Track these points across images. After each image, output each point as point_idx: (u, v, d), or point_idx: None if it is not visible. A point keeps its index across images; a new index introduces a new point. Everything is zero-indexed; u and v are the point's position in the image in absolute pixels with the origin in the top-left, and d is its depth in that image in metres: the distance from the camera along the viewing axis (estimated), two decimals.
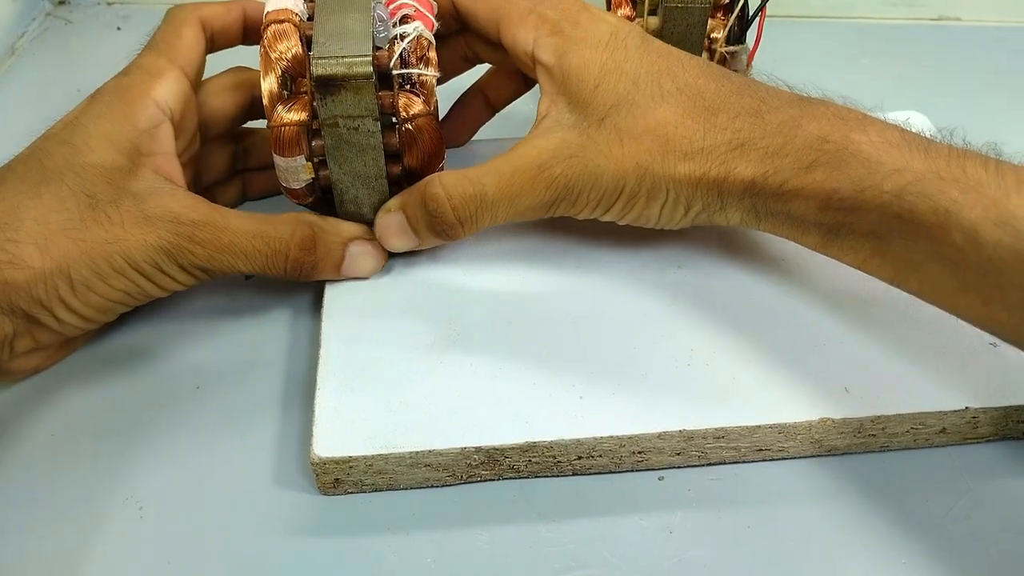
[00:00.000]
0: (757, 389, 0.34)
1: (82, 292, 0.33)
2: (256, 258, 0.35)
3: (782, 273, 0.39)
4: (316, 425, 0.33)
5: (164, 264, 0.34)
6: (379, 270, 0.39)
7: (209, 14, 0.39)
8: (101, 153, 0.34)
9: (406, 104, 0.36)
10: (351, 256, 0.38)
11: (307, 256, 0.36)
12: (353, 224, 0.38)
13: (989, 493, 0.34)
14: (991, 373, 0.35)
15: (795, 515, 0.33)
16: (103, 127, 0.35)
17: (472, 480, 0.34)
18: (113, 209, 0.34)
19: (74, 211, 0.33)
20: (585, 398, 0.34)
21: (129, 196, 0.34)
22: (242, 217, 0.36)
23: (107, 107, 0.36)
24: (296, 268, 0.36)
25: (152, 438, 0.35)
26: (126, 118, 0.35)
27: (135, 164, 0.35)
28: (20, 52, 0.57)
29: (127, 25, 0.59)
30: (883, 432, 0.34)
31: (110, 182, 0.34)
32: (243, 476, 0.34)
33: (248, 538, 0.33)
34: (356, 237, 0.38)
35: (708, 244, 0.40)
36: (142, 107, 0.35)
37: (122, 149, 0.35)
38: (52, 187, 0.33)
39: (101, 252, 0.33)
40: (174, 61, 0.37)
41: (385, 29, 0.36)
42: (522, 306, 0.38)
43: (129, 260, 0.33)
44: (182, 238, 0.34)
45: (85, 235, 0.33)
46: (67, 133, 0.35)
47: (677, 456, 0.34)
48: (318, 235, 0.37)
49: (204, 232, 0.34)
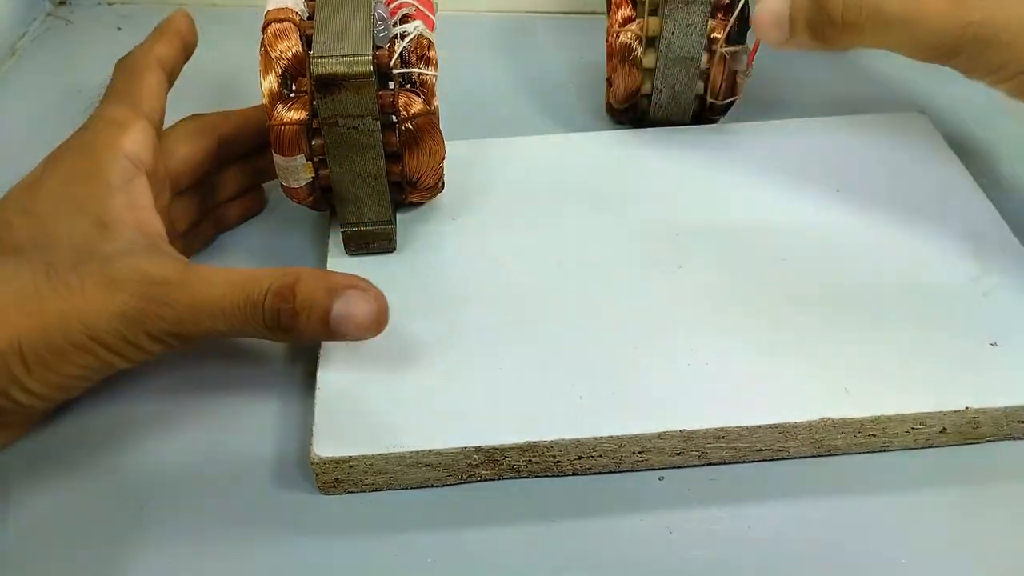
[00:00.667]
0: (757, 389, 0.34)
1: (39, 371, 0.30)
2: (233, 314, 0.31)
3: (782, 273, 0.39)
4: (316, 425, 0.33)
5: (129, 333, 0.30)
6: (378, 329, 0.32)
7: (163, 54, 0.37)
8: (67, 221, 0.32)
9: (406, 103, 0.36)
10: (342, 304, 0.31)
11: (284, 303, 0.31)
12: (347, 275, 0.33)
13: (989, 493, 0.34)
14: (991, 373, 0.35)
15: (795, 515, 0.33)
16: (70, 191, 0.32)
17: (472, 480, 0.34)
18: (73, 275, 0.30)
19: (28, 282, 0.30)
20: (585, 398, 0.34)
21: (95, 259, 0.31)
22: (220, 271, 0.32)
23: (73, 167, 0.33)
24: (273, 318, 0.31)
25: (152, 438, 0.35)
26: (96, 177, 0.33)
27: (107, 226, 0.32)
28: (20, 52, 0.57)
29: (128, 25, 0.59)
30: (883, 432, 0.34)
31: (75, 250, 0.31)
32: (243, 475, 0.34)
33: (248, 538, 0.33)
34: (349, 286, 0.32)
35: (708, 244, 0.40)
36: (112, 162, 0.33)
37: (90, 212, 0.32)
38: (11, 259, 0.31)
39: (57, 325, 0.29)
40: (138, 109, 0.35)
41: (385, 28, 0.36)
42: (522, 306, 0.38)
43: (89, 332, 0.30)
44: (149, 301, 0.30)
45: (41, 307, 0.29)
46: (30, 200, 0.32)
47: (677, 456, 0.34)
48: (301, 281, 0.31)
49: (175, 292, 0.30)
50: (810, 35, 0.36)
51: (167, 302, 0.30)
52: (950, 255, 0.39)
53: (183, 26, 0.39)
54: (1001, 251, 0.39)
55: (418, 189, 0.40)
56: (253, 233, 0.44)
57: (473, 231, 0.41)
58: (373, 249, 0.40)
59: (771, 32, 0.37)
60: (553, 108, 0.51)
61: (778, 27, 0.36)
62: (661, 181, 0.43)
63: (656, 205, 0.42)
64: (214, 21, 0.51)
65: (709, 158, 0.44)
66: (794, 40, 0.37)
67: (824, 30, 0.35)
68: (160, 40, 0.38)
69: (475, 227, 0.41)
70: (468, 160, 0.44)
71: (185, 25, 0.39)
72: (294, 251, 0.43)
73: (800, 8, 0.36)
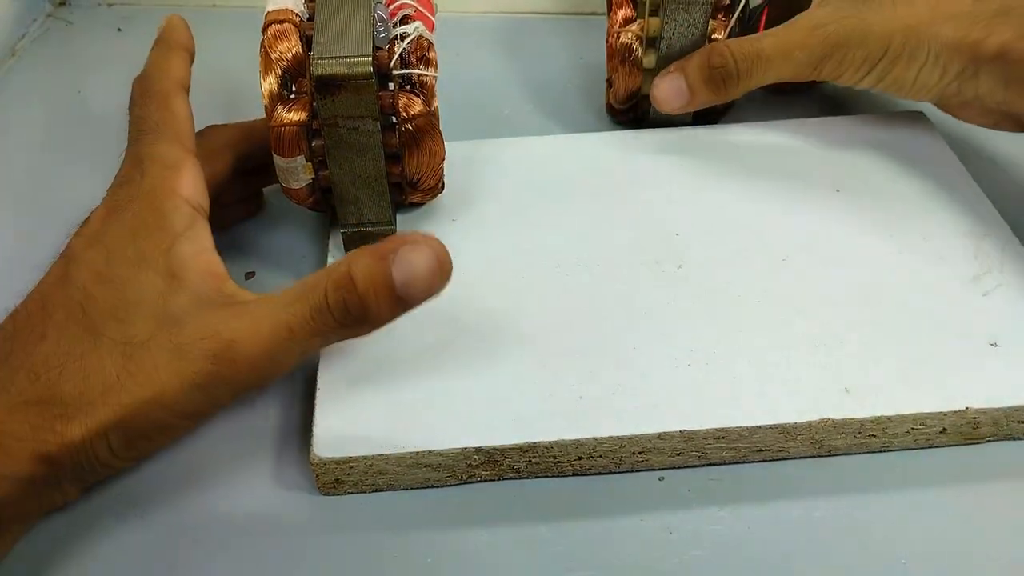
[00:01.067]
0: (757, 389, 0.34)
1: (123, 452, 0.31)
2: (303, 330, 0.30)
3: (782, 273, 0.39)
4: (316, 425, 0.33)
5: (209, 399, 0.31)
6: (444, 276, 0.31)
7: (180, 76, 0.37)
8: (141, 281, 0.32)
9: (406, 104, 0.36)
10: (400, 265, 0.30)
11: (348, 294, 0.30)
12: (391, 237, 0.32)
13: (989, 493, 0.34)
14: (991, 373, 0.35)
15: (795, 515, 0.33)
16: (139, 246, 0.32)
17: (472, 480, 0.34)
18: (146, 352, 0.30)
19: (111, 369, 0.30)
20: (585, 398, 0.34)
21: (166, 325, 0.31)
22: (275, 295, 0.31)
23: (136, 219, 0.33)
24: (343, 312, 0.30)
25: None
26: (161, 228, 0.33)
27: (175, 276, 0.32)
28: (21, 53, 0.57)
29: (127, 26, 0.59)
30: (883, 432, 0.34)
31: (151, 316, 0.31)
32: (243, 476, 0.34)
33: (248, 538, 0.33)
34: (397, 245, 0.31)
35: (708, 244, 0.40)
36: (174, 209, 0.33)
37: (160, 266, 0.32)
38: (94, 342, 0.31)
39: (140, 414, 0.30)
40: (184, 145, 0.35)
41: (385, 29, 0.36)
42: (522, 306, 0.38)
43: (170, 412, 0.30)
44: (221, 362, 0.30)
45: (122, 398, 0.30)
46: (104, 263, 0.32)
47: (677, 456, 0.34)
48: (353, 264, 0.31)
49: (245, 346, 0.30)
50: (711, 92, 0.43)
51: (237, 355, 0.30)
52: (950, 255, 0.39)
53: (184, 37, 0.39)
54: (1001, 251, 0.39)
55: (418, 190, 0.40)
56: (253, 233, 0.44)
57: (473, 231, 0.41)
58: None
59: (675, 102, 0.43)
60: (553, 108, 0.51)
61: (679, 96, 0.43)
62: (661, 181, 0.43)
63: (656, 205, 0.42)
64: (214, 22, 0.51)
65: (709, 158, 0.44)
66: (696, 101, 0.43)
67: (724, 83, 0.42)
68: (172, 58, 0.38)
69: (475, 227, 0.41)
70: (468, 160, 0.44)
71: (186, 35, 0.39)
72: (294, 251, 0.43)
73: (695, 73, 0.42)
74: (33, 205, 0.46)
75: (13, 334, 0.31)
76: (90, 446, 0.30)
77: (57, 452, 0.29)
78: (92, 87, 0.54)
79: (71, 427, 0.29)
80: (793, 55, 0.40)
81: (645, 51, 0.44)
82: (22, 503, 0.29)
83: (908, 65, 0.40)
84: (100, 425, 0.30)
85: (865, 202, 0.42)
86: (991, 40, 0.38)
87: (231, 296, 0.32)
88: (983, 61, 0.38)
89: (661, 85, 0.43)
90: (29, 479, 0.29)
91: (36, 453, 0.29)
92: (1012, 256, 0.39)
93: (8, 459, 0.29)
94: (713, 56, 0.42)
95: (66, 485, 0.31)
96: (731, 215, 0.41)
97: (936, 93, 0.41)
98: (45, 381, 0.30)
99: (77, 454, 0.30)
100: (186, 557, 0.32)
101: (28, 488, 0.29)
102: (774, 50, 0.41)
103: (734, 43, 0.42)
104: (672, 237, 0.40)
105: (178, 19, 0.40)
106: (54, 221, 0.44)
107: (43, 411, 0.29)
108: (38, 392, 0.30)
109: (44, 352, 0.30)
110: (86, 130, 0.50)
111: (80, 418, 0.30)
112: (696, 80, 0.42)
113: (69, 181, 0.47)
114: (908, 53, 0.39)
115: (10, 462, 0.29)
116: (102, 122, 0.51)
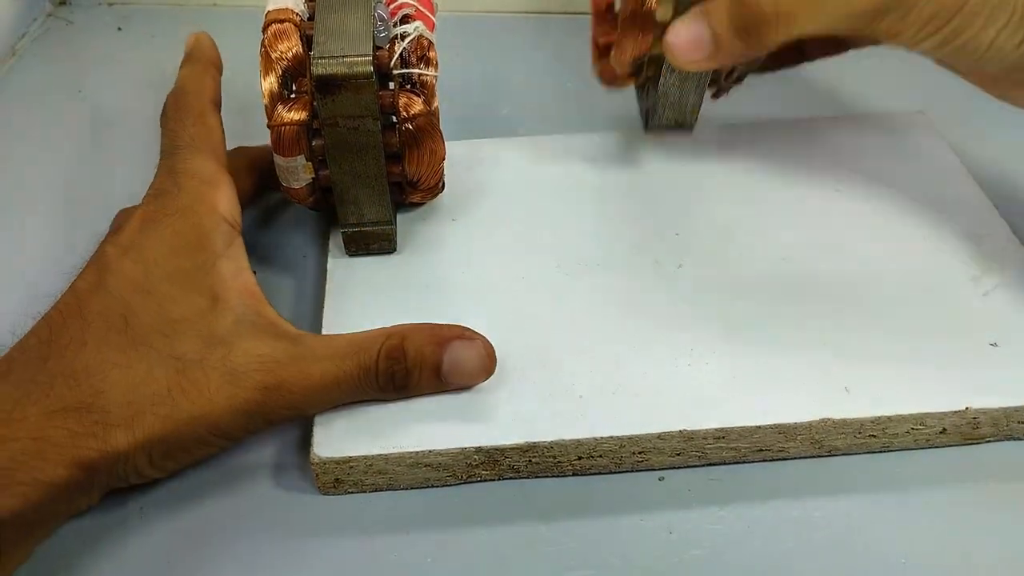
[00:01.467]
0: (757, 389, 0.34)
1: (160, 462, 0.31)
2: (348, 383, 0.32)
3: (782, 272, 0.39)
4: (316, 425, 0.33)
5: (251, 425, 0.32)
6: (487, 374, 0.34)
7: (213, 94, 0.38)
8: (184, 301, 0.32)
9: (406, 104, 0.36)
10: (451, 354, 0.33)
11: (397, 365, 0.32)
12: (452, 326, 0.34)
13: (989, 493, 0.34)
14: (991, 373, 0.35)
15: (795, 515, 0.33)
16: (180, 265, 0.33)
17: (472, 480, 0.34)
18: (200, 372, 0.31)
19: (162, 381, 0.30)
20: (585, 398, 0.34)
21: (216, 346, 0.32)
22: (328, 342, 0.33)
23: (176, 235, 0.33)
24: (388, 380, 0.33)
25: None
26: (202, 248, 0.33)
27: (218, 298, 0.33)
28: (21, 53, 0.57)
29: (128, 26, 0.59)
30: (883, 432, 0.34)
31: (198, 335, 0.32)
32: (243, 476, 0.34)
33: (248, 538, 0.33)
34: (454, 337, 0.33)
35: (708, 244, 0.40)
36: (214, 228, 0.34)
37: (203, 287, 0.33)
38: (140, 353, 0.31)
39: (187, 427, 0.31)
40: (220, 161, 0.35)
41: (386, 29, 0.36)
42: (522, 306, 0.38)
43: (215, 431, 0.31)
44: (269, 393, 0.31)
45: (172, 411, 0.30)
46: (143, 276, 0.32)
47: (677, 456, 0.34)
48: (408, 339, 0.33)
49: (292, 378, 0.32)
50: (742, 41, 0.34)
51: (285, 390, 0.32)
52: (950, 255, 0.39)
53: (214, 55, 0.40)
54: (1001, 251, 0.39)
55: (418, 189, 0.40)
56: (253, 233, 0.44)
57: (473, 231, 0.41)
58: (373, 250, 0.40)
59: (693, 54, 0.35)
60: (553, 108, 0.51)
61: (699, 48, 0.35)
62: (661, 181, 0.43)
63: (656, 205, 0.42)
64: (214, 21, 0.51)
65: (709, 158, 0.44)
66: (722, 53, 0.35)
67: (758, 30, 0.33)
68: (205, 76, 0.38)
69: (475, 227, 0.41)
70: (468, 160, 0.44)
71: (215, 53, 0.40)
72: (294, 251, 0.43)
73: (722, 17, 0.34)
74: (33, 205, 0.46)
75: (49, 339, 0.31)
76: (132, 455, 0.30)
77: (98, 459, 0.29)
78: (92, 86, 0.54)
79: (115, 435, 0.30)
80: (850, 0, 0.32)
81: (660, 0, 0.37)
82: (53, 508, 0.29)
83: (987, 23, 0.32)
84: (147, 436, 0.30)
85: (865, 202, 0.42)
86: None
87: (272, 322, 0.33)
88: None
89: (679, 30, 0.35)
90: (65, 485, 0.29)
91: (75, 459, 0.29)
92: (1012, 256, 0.39)
93: (45, 464, 0.28)
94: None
95: (95, 492, 0.31)
96: (731, 215, 0.41)
97: (1009, 64, 0.33)
98: (87, 388, 0.30)
99: (117, 463, 0.30)
100: (186, 557, 0.32)
101: (62, 494, 0.29)
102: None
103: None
104: (672, 237, 0.40)
105: (205, 36, 0.40)
106: (54, 220, 0.45)
107: (83, 418, 0.29)
108: (78, 398, 0.29)
109: (85, 359, 0.30)
110: (86, 129, 0.50)
111: (125, 427, 0.30)
112: (723, 26, 0.34)
113: (69, 180, 0.47)
114: (988, 12, 0.31)
115: (47, 467, 0.28)
116: (102, 121, 0.51)
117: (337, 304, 0.38)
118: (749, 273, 0.39)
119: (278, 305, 0.40)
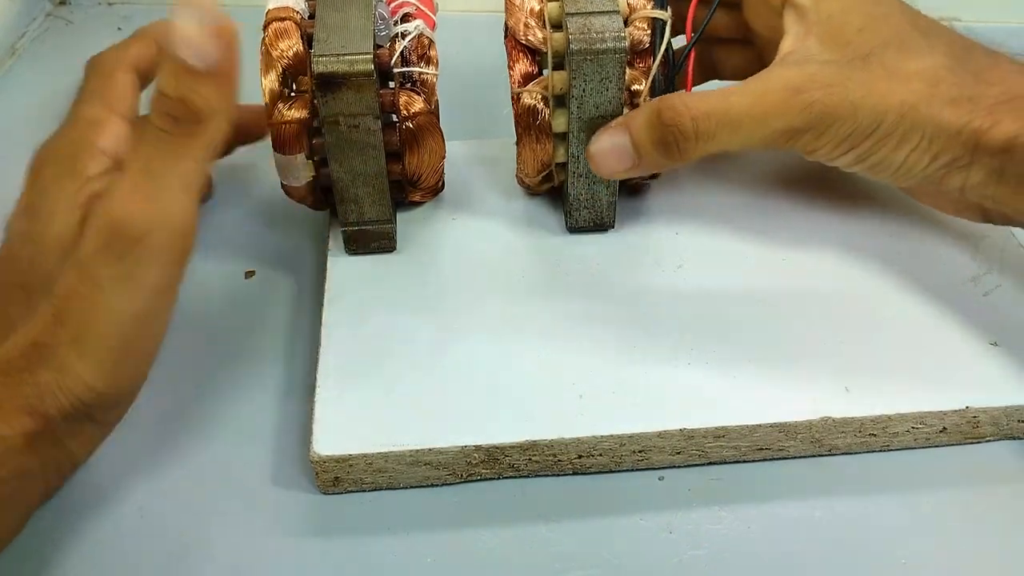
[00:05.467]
0: (757, 388, 0.34)
1: (90, 374, 0.29)
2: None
3: (783, 272, 0.39)
4: (316, 423, 0.33)
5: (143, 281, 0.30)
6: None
7: (135, 55, 0.38)
8: (59, 220, 0.33)
9: (407, 102, 0.36)
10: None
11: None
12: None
13: (989, 493, 0.34)
14: (991, 373, 0.35)
15: (795, 515, 0.33)
16: (63, 188, 0.34)
17: (472, 479, 0.34)
18: (72, 286, 0.30)
19: (46, 311, 0.30)
20: (585, 397, 0.34)
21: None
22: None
23: (61, 166, 0.34)
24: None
25: (152, 437, 0.35)
26: (78, 172, 0.34)
27: (85, 220, 0.32)
28: (20, 52, 0.57)
29: (127, 25, 0.59)
30: (883, 432, 0.34)
31: (66, 255, 0.31)
32: (243, 475, 0.34)
33: (248, 538, 0.33)
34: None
35: (708, 244, 0.40)
36: (90, 157, 0.34)
37: (74, 207, 0.33)
38: (27, 299, 0.31)
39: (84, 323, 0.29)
40: (111, 108, 0.36)
41: (386, 27, 0.36)
42: (522, 304, 0.38)
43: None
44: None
45: (64, 326, 0.29)
46: (35, 195, 0.34)
47: (677, 455, 0.34)
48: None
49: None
50: (662, 154, 0.35)
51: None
52: (950, 255, 0.39)
53: (158, 32, 0.39)
54: (1001, 251, 0.39)
55: (418, 188, 0.40)
56: (253, 233, 0.44)
57: (473, 231, 0.41)
58: (373, 248, 0.40)
59: (616, 166, 0.36)
60: None
61: (621, 159, 0.36)
62: (661, 180, 0.43)
63: (656, 205, 0.42)
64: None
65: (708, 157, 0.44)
66: (644, 163, 0.36)
67: (677, 145, 0.34)
68: (130, 43, 0.39)
69: (475, 227, 0.41)
70: (468, 160, 0.44)
71: (161, 31, 0.39)
72: (294, 251, 0.43)
73: (643, 131, 0.35)
74: None
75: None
76: (60, 380, 0.29)
77: (18, 359, 0.29)
78: None
79: (40, 372, 0.29)
80: (768, 121, 0.33)
81: (553, 112, 0.37)
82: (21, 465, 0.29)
83: (898, 147, 0.34)
84: (58, 359, 0.29)
85: (864, 202, 0.42)
86: (997, 130, 0.32)
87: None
88: (984, 152, 0.33)
89: (601, 142, 0.36)
90: (21, 436, 0.28)
91: (20, 409, 0.28)
92: (1012, 256, 0.39)
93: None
94: (665, 111, 0.34)
95: (68, 441, 0.30)
96: (731, 215, 0.41)
97: (918, 180, 0.35)
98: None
99: (53, 395, 0.29)
100: (186, 556, 0.32)
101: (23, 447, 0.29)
102: (745, 112, 0.34)
103: (693, 97, 0.34)
104: (672, 237, 0.40)
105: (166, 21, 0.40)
106: None
107: (8, 370, 0.29)
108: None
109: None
110: None
111: (40, 359, 0.29)
112: (644, 139, 0.35)
113: None
114: (901, 134, 0.33)
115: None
116: None
117: (337, 303, 0.38)
118: (749, 273, 0.39)
119: (276, 303, 0.40)
